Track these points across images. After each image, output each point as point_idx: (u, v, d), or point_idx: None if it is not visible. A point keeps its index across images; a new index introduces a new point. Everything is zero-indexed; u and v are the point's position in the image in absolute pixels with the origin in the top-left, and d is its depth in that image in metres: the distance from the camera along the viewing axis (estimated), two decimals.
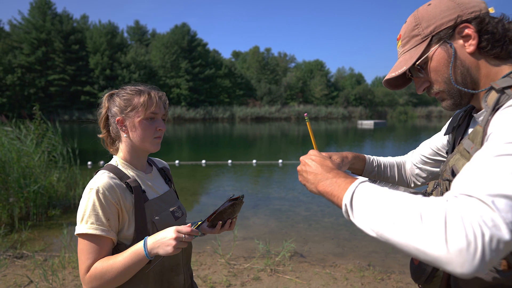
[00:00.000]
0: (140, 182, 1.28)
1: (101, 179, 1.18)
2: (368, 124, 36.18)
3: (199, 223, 1.27)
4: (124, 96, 1.28)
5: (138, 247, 1.12)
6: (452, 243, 0.56)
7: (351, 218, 0.74)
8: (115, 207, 1.18)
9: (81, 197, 1.21)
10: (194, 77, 52.19)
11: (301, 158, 0.98)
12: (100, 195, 1.15)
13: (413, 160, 1.27)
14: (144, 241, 1.12)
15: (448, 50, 0.88)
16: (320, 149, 1.07)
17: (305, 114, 1.15)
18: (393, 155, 1.37)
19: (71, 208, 5.94)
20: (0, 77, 41.32)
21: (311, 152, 0.99)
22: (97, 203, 1.15)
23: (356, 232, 4.98)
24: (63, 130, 7.07)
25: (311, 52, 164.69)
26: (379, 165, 1.27)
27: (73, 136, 8.26)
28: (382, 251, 4.29)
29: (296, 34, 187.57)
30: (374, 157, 1.29)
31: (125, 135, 1.29)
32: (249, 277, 3.50)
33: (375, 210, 0.68)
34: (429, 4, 0.93)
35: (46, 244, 4.42)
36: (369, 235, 0.70)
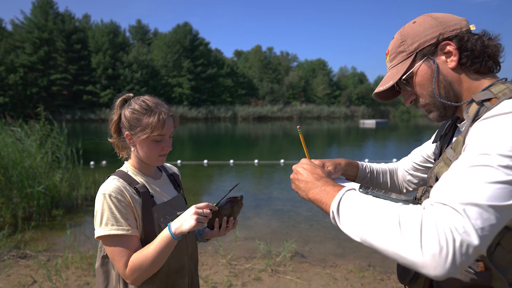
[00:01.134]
0: (148, 188, 1.34)
1: (111, 184, 1.25)
2: (370, 123, 36.12)
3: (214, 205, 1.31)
4: (134, 113, 1.29)
5: (165, 233, 1.21)
6: (426, 248, 0.62)
7: (338, 224, 0.80)
8: (129, 207, 1.25)
9: (84, 197, 1.26)
10: (196, 77, 52.26)
11: (294, 166, 1.04)
12: (113, 199, 1.22)
13: (405, 167, 1.32)
14: (168, 226, 1.22)
15: (432, 66, 0.93)
16: (321, 151, 1.12)
17: (298, 127, 1.21)
18: (394, 155, 1.41)
19: (74, 208, 5.98)
20: (2, 77, 41.47)
21: (303, 160, 1.06)
22: (112, 206, 1.21)
23: None
24: (66, 130, 7.11)
25: (313, 51, 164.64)
26: (371, 171, 1.32)
27: (76, 136, 8.30)
28: None
29: (298, 33, 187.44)
30: (367, 163, 1.33)
31: (132, 148, 1.34)
32: (250, 277, 3.53)
33: (359, 217, 0.75)
34: (414, 22, 0.98)
35: (49, 244, 4.47)
36: (354, 240, 0.76)
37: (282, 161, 11.15)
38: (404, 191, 1.34)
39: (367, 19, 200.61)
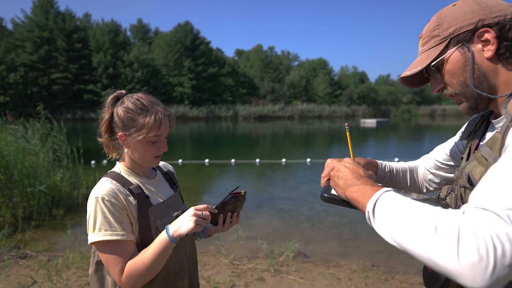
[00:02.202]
0: (143, 188, 1.28)
1: (104, 186, 1.19)
2: (370, 123, 36.05)
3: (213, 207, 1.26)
4: (128, 113, 1.22)
5: (162, 236, 1.15)
6: (463, 257, 0.57)
7: (373, 224, 0.78)
8: (123, 210, 1.19)
9: (84, 196, 1.21)
10: (197, 76, 52.24)
11: (335, 164, 1.01)
12: (107, 202, 1.16)
13: (426, 165, 1.25)
14: (166, 228, 1.15)
15: (465, 54, 0.87)
16: (322, 150, 1.09)
17: (346, 124, 1.17)
18: (395, 155, 1.36)
19: (75, 207, 5.95)
20: (3, 76, 41.50)
21: (345, 159, 1.03)
22: (106, 210, 1.15)
23: (359, 232, 4.96)
24: (66, 129, 7.08)
25: (314, 50, 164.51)
26: (391, 170, 1.26)
27: (77, 135, 8.26)
28: (386, 251, 4.27)
29: (299, 32, 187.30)
30: (386, 162, 1.28)
31: (126, 149, 1.28)
32: (252, 277, 3.49)
33: (395, 219, 0.71)
34: (454, 5, 0.91)
35: (49, 244, 4.43)
36: (388, 242, 0.73)
37: (283, 160, 11.10)
38: (424, 190, 1.28)
39: (368, 18, 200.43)
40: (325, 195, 0.98)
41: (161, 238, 1.15)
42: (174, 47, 51.30)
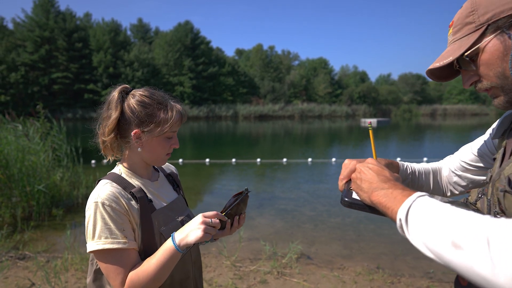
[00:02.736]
0: (146, 191, 1.20)
1: (104, 190, 1.10)
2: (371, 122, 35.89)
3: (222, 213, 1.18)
4: (147, 108, 1.14)
5: (168, 244, 1.06)
6: None
7: (406, 234, 0.69)
8: (125, 216, 1.10)
9: (84, 196, 1.13)
10: (197, 75, 52.14)
11: (358, 165, 0.92)
12: (107, 207, 1.07)
13: (451, 167, 1.16)
14: (172, 236, 1.07)
15: (505, 42, 0.78)
16: (323, 149, 1.00)
17: (369, 121, 1.08)
18: (397, 154, 1.27)
19: (75, 207, 5.88)
20: (3, 75, 41.46)
21: (369, 160, 0.94)
22: (106, 216, 1.07)
23: (363, 233, 4.89)
24: (67, 129, 7.01)
25: (314, 50, 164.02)
26: (413, 172, 1.17)
27: (77, 134, 8.20)
28: (391, 253, 4.20)
29: (299, 31, 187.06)
30: (407, 163, 1.18)
31: (139, 148, 1.18)
32: (255, 280, 3.42)
33: (435, 229, 0.62)
34: None
35: (49, 245, 4.36)
36: (426, 255, 0.65)
37: (284, 160, 11.03)
38: (449, 194, 1.18)
39: (369, 17, 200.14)
40: (346, 199, 0.88)
41: (167, 247, 1.06)
42: (174, 47, 51.21)
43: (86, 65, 48.07)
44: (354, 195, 0.89)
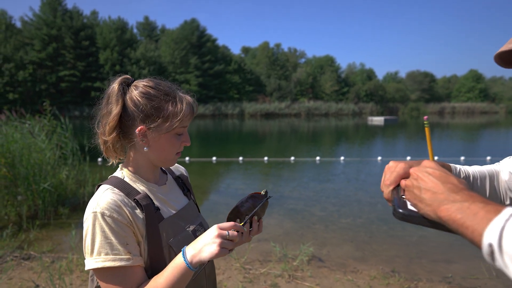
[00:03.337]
0: (152, 198, 1.04)
1: (104, 197, 0.95)
2: (378, 120, 35.57)
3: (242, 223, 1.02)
4: (153, 100, 0.99)
5: (178, 261, 0.91)
6: None
7: (500, 263, 0.52)
8: (128, 227, 0.95)
9: (90, 195, 0.97)
10: (203, 73, 52.09)
11: (413, 170, 0.74)
12: (107, 219, 0.91)
13: (511, 170, 1.01)
14: (183, 252, 0.91)
15: None
16: (330, 148, 0.83)
17: (425, 117, 0.91)
18: (405, 153, 1.09)
19: (81, 206, 5.80)
20: (12, 73, 41.82)
21: (426, 163, 0.75)
22: (106, 229, 0.91)
23: (375, 234, 4.74)
24: (73, 126, 6.94)
25: (321, 47, 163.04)
26: (467, 176, 0.99)
27: (84, 132, 8.12)
28: (405, 256, 4.05)
29: (306, 29, 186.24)
30: (460, 166, 1.01)
31: (145, 148, 1.03)
32: (266, 283, 3.29)
33: None
34: None
35: (54, 245, 4.27)
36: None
37: (292, 158, 10.89)
38: (508, 202, 1.01)
39: (376, 15, 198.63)
40: (401, 211, 0.70)
41: (177, 264, 0.91)
42: (181, 44, 51.20)
43: (93, 63, 48.28)
44: (410, 206, 0.71)
